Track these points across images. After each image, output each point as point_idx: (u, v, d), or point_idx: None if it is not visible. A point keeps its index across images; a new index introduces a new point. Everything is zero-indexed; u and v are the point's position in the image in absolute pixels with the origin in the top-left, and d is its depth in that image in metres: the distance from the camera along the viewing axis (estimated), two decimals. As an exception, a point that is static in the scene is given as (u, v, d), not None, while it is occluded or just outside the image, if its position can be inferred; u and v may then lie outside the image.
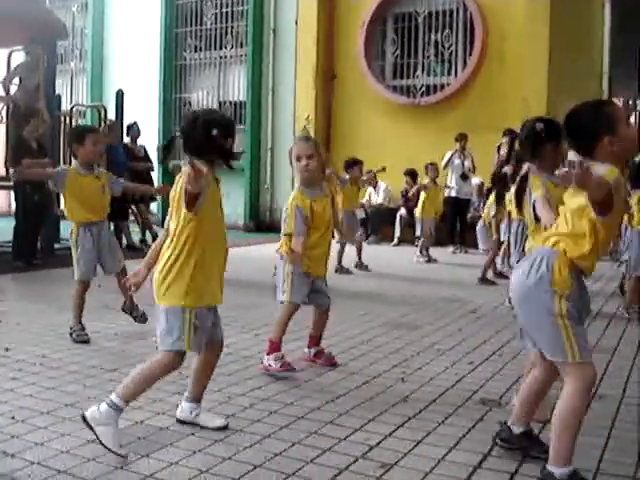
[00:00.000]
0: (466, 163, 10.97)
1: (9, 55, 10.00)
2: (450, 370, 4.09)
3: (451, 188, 10.92)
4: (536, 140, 3.41)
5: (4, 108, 9.57)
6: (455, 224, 11.32)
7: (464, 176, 11.04)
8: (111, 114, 10.77)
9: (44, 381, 3.69)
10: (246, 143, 13.88)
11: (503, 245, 7.64)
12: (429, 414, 3.31)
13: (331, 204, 4.18)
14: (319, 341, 4.25)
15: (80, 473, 2.58)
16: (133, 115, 11.08)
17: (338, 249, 8.25)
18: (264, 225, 13.61)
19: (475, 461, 2.75)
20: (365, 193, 12.21)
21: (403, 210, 11.94)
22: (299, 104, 13.21)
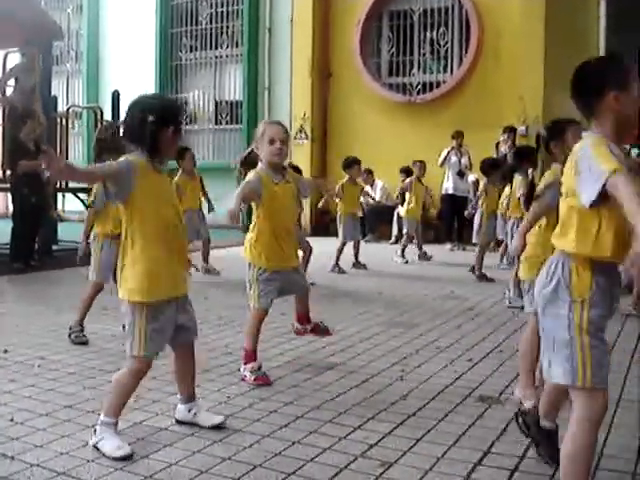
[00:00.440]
0: (463, 160, 10.98)
1: (5, 57, 9.98)
2: (449, 368, 4.10)
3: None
4: None
5: (0, 110, 9.56)
6: (452, 222, 11.32)
7: (461, 173, 11.05)
8: (107, 115, 10.76)
9: (43, 383, 3.69)
10: (243, 142, 13.89)
11: (503, 243, 7.62)
12: (428, 412, 3.31)
13: (298, 202, 4.07)
14: (308, 316, 4.17)
15: (80, 475, 2.57)
16: (129, 116, 11.05)
17: (338, 247, 8.26)
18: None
19: (475, 458, 2.76)
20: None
21: (400, 208, 11.93)
22: (295, 103, 13.21)
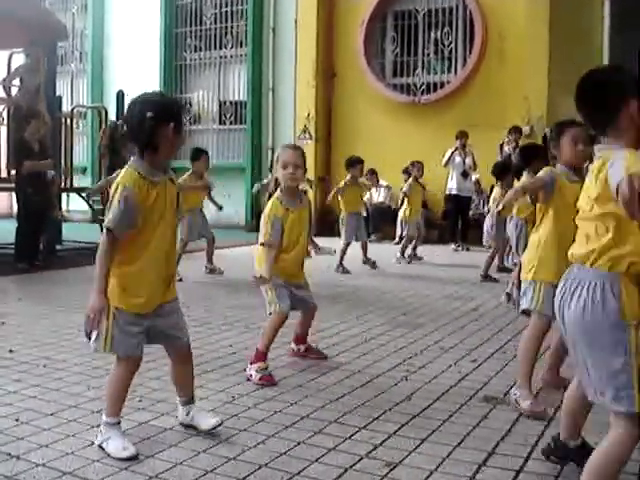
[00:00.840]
0: (467, 161, 10.97)
1: (9, 57, 10.03)
2: (453, 368, 4.09)
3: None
4: None
5: (5, 110, 9.59)
6: (457, 222, 11.32)
7: (465, 174, 11.04)
8: (112, 115, 10.78)
9: (48, 383, 3.69)
10: (247, 142, 13.91)
11: (509, 242, 7.59)
12: (433, 412, 3.31)
13: (309, 217, 4.13)
14: (305, 339, 4.28)
15: (85, 474, 2.58)
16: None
17: (341, 248, 8.26)
18: (265, 224, 13.60)
19: (480, 459, 2.75)
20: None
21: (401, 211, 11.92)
22: (299, 103, 13.22)
